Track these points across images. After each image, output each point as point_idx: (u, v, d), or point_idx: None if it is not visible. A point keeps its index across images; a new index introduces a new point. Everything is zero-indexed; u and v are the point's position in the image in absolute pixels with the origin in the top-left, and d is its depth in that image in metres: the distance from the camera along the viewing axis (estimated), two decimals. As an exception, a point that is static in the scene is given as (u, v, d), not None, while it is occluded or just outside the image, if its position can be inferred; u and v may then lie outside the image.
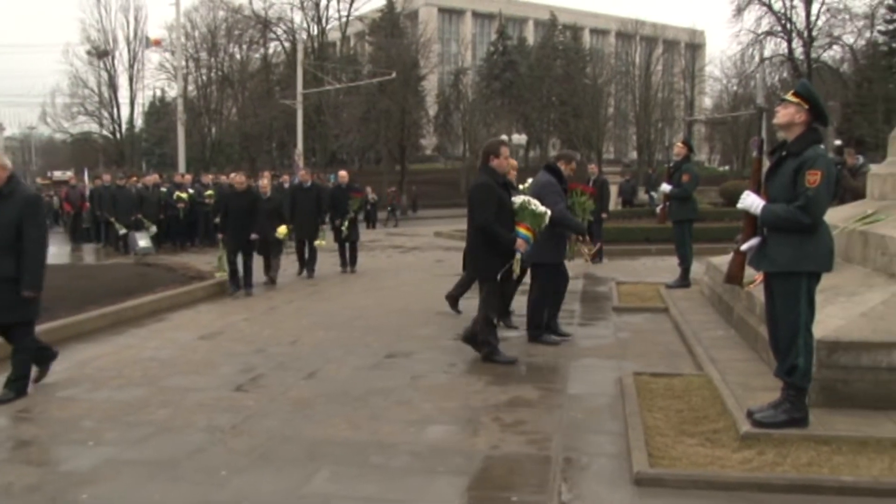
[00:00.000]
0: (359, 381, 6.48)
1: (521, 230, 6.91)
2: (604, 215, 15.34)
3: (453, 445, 4.91)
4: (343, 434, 5.14)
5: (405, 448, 4.86)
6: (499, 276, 6.96)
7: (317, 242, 13.68)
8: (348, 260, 14.37)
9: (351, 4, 51.72)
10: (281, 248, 13.03)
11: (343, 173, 15.13)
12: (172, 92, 51.23)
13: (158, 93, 64.07)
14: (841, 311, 5.52)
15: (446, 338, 8.28)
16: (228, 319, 9.53)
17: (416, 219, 39.22)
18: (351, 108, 46.68)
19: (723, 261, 8.51)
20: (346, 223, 13.99)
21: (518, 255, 6.91)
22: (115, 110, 56.34)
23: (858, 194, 9.41)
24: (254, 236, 11.53)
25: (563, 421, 5.39)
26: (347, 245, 14.37)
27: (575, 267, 9.50)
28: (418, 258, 17.59)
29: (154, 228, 17.93)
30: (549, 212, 7.02)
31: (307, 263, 13.65)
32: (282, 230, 12.63)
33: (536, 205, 6.93)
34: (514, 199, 6.99)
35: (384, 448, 4.87)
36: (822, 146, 4.78)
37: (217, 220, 12.84)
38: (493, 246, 6.90)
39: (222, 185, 18.22)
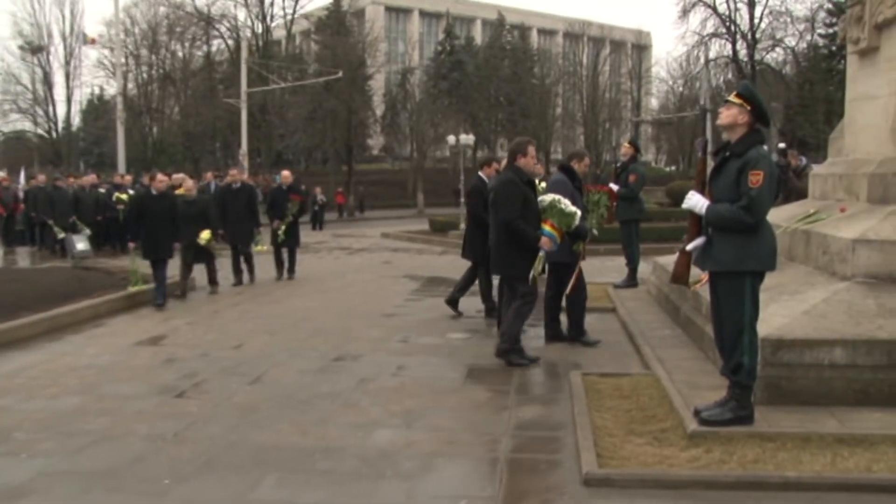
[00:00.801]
0: (305, 385, 6.42)
1: (548, 228, 6.89)
2: None
3: (401, 449, 4.90)
4: (289, 439, 5.09)
5: (353, 452, 4.83)
6: (530, 278, 6.96)
7: (256, 248, 12.99)
8: (286, 266, 13.39)
9: (296, 2, 51.12)
10: (213, 254, 11.97)
11: (286, 173, 14.23)
12: (112, 89, 50.13)
13: (97, 90, 62.44)
14: (784, 309, 5.66)
15: (395, 340, 8.27)
16: (170, 324, 9.34)
17: (364, 220, 39.07)
18: (297, 107, 46.17)
19: (669, 261, 8.65)
20: (284, 227, 13.05)
21: (542, 253, 6.90)
22: (50, 108, 54.76)
23: (803, 195, 9.67)
24: (177, 245, 10.78)
25: (512, 422, 5.41)
26: (286, 251, 13.41)
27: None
28: (366, 260, 17.53)
29: (88, 231, 17.41)
30: (578, 212, 7.05)
31: (248, 270, 12.88)
32: (204, 235, 11.48)
33: (567, 204, 6.92)
34: (543, 197, 7.00)
35: (331, 453, 4.83)
36: (765, 147, 4.88)
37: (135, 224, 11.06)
38: (517, 243, 6.87)
39: (138, 187, 17.22)
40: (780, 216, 7.66)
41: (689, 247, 4.96)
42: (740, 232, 4.68)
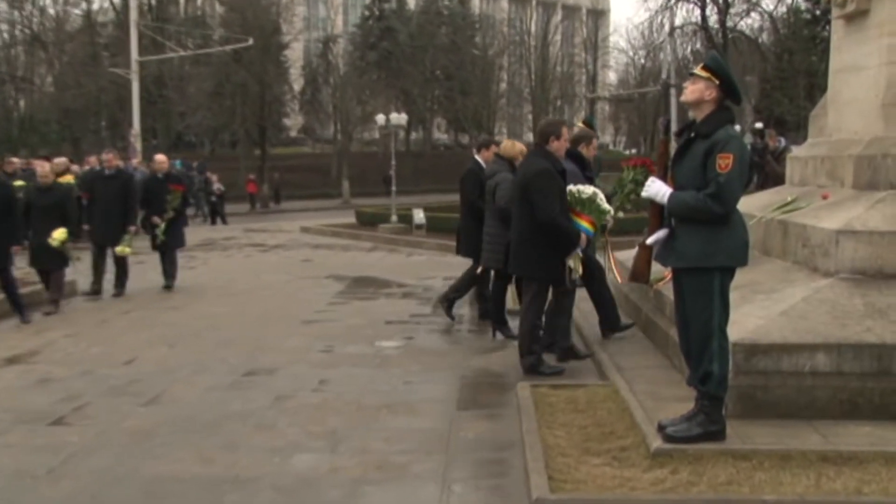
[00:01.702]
0: (211, 405, 6.32)
1: (585, 224, 6.84)
2: None
3: (324, 475, 4.86)
4: (191, 469, 5.00)
5: (268, 482, 4.77)
6: (569, 281, 6.95)
7: (118, 249, 11.62)
8: (165, 273, 12.33)
9: (197, -46, 50.44)
10: (66, 260, 10.52)
11: (161, 158, 13.22)
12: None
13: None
14: (759, 310, 5.76)
15: (316, 350, 8.21)
16: (46, 337, 9.08)
17: (280, 212, 38.68)
18: (199, 80, 45.36)
19: (628, 256, 8.74)
20: (163, 225, 12.08)
21: (579, 253, 6.90)
22: None
23: (781, 180, 9.82)
24: (16, 248, 9.82)
25: (452, 442, 5.41)
26: (165, 254, 12.34)
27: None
28: (282, 258, 17.37)
29: None
30: (611, 210, 7.07)
31: (117, 277, 11.75)
32: (58, 234, 10.14)
33: (602, 200, 6.91)
34: (581, 188, 6.91)
35: (242, 484, 4.76)
36: (736, 127, 4.97)
37: None
38: (554, 242, 6.80)
39: None
40: (753, 205, 7.78)
41: (650, 240, 5.02)
42: (708, 223, 4.73)
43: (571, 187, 6.86)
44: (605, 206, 6.93)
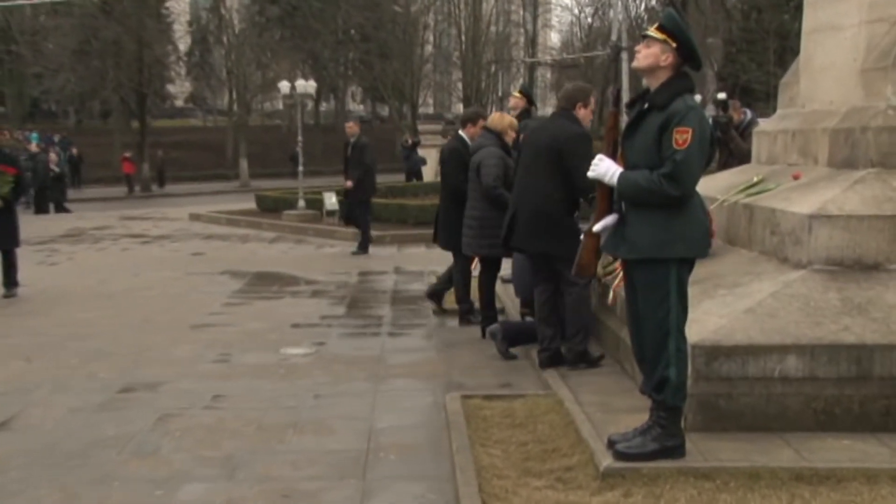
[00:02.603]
0: (77, 430, 6.21)
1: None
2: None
3: (218, 510, 4.80)
4: (56, 505, 4.90)
5: (149, 519, 4.70)
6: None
7: None
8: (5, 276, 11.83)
9: None
10: None
11: None
12: None
13: None
14: (721, 306, 5.84)
15: (209, 360, 8.13)
16: None
17: (164, 196, 38.19)
18: (59, 35, 44.20)
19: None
20: None
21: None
22: None
23: (746, 158, 9.93)
24: None
25: (370, 465, 5.40)
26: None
27: (383, 260, 9.57)
28: (168, 251, 17.19)
29: None
30: None
31: None
32: None
33: None
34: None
35: (118, 521, 4.68)
36: (696, 96, 5.02)
37: None
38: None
39: None
40: (715, 186, 7.88)
41: (597, 227, 5.04)
42: (663, 207, 4.76)
43: None
44: None
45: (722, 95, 15.93)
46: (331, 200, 19.98)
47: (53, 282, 12.69)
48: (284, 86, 28.16)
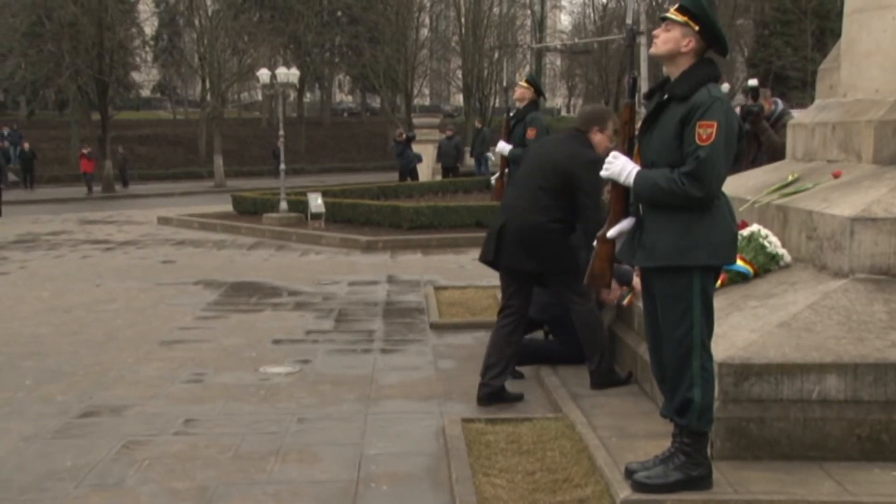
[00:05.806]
0: (30, 460, 6.19)
1: (741, 262, 6.62)
2: None
3: (191, 548, 4.81)
4: (10, 543, 4.91)
5: (113, 557, 4.71)
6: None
7: None
8: None
9: None
10: None
11: None
12: None
13: None
14: (752, 320, 5.84)
15: (181, 380, 8.13)
16: None
17: (129, 197, 38.16)
18: (8, 15, 44.15)
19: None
20: None
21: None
22: None
23: (780, 154, 9.87)
24: None
25: (360, 497, 5.39)
26: None
27: (374, 268, 9.56)
28: (134, 259, 17.17)
29: None
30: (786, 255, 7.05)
31: None
32: None
33: (774, 241, 6.96)
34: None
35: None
36: (723, 86, 5.02)
37: None
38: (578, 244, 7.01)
39: None
40: (744, 186, 7.89)
41: (612, 233, 5.05)
42: (684, 210, 4.77)
43: None
44: (778, 249, 6.83)
45: (753, 82, 15.88)
46: (316, 202, 19.99)
47: (3, 293, 12.68)
48: (264, 74, 28.14)
